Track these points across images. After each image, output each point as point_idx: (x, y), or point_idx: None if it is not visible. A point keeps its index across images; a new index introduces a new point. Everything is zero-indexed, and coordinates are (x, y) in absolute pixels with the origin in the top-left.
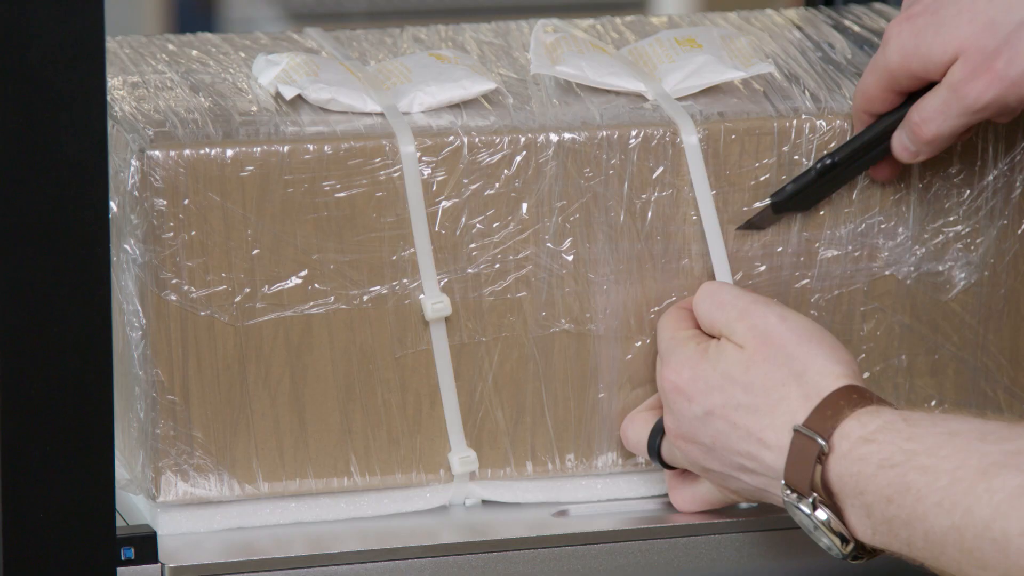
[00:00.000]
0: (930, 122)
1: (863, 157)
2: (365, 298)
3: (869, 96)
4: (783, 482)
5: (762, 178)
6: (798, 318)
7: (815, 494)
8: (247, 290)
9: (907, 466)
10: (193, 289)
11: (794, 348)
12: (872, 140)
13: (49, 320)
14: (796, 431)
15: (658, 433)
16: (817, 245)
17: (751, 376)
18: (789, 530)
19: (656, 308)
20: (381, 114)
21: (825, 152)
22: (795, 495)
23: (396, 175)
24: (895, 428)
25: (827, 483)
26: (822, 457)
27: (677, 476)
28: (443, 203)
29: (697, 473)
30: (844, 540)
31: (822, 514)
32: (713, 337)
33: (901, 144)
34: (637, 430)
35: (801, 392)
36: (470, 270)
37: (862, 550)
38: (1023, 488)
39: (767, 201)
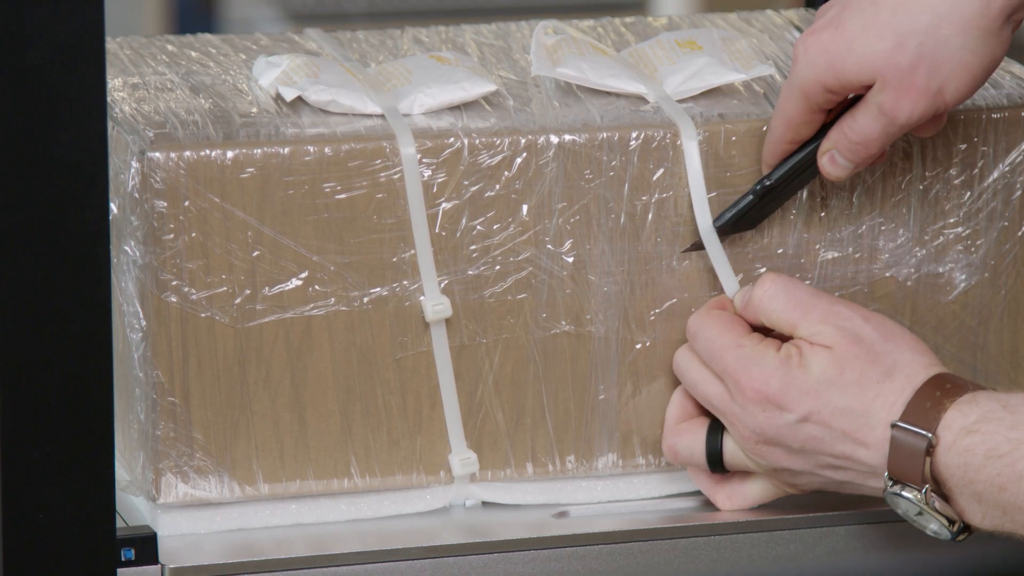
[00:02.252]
0: (872, 142)
1: (799, 176)
2: (365, 300)
3: (794, 123)
4: (887, 474)
5: None
6: (877, 315)
7: (927, 485)
8: (247, 292)
9: (1016, 455)
10: (193, 291)
11: (881, 346)
12: (807, 158)
13: (49, 321)
14: (897, 426)
15: (717, 441)
16: (818, 247)
17: (846, 377)
18: (789, 530)
19: (656, 310)
20: (381, 116)
21: (763, 176)
22: (899, 486)
23: (396, 177)
24: (996, 417)
25: (936, 473)
26: (931, 450)
27: (720, 476)
28: (443, 205)
29: (765, 473)
30: (951, 521)
31: (935, 502)
32: (774, 335)
33: (836, 164)
34: (689, 442)
35: (895, 387)
36: (470, 272)
37: (967, 529)
38: None
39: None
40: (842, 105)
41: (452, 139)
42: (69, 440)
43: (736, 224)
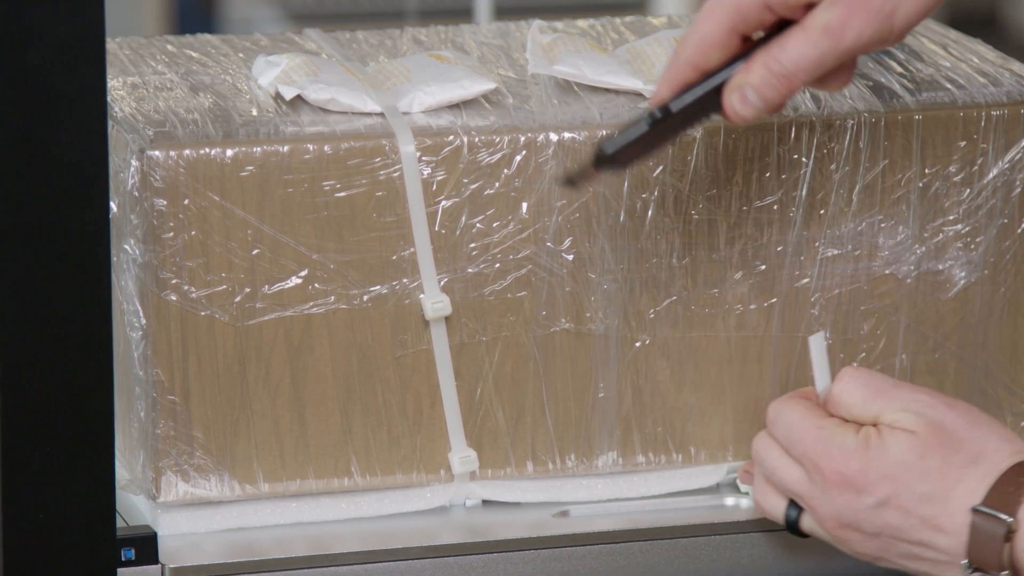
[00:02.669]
0: (802, 72)
1: (696, 112)
2: (365, 298)
3: (707, 45)
4: (966, 562)
5: (762, 177)
6: (962, 403)
7: (1005, 572)
8: (247, 290)
9: None
10: (193, 289)
11: (967, 433)
12: (711, 92)
13: (49, 320)
14: (977, 511)
15: (796, 510)
16: (817, 244)
17: (928, 462)
18: (788, 531)
19: (656, 308)
20: (381, 114)
21: (658, 103)
22: (980, 574)
23: (396, 175)
24: None
25: (1015, 560)
26: (1010, 535)
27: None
28: (443, 203)
29: (842, 550)
30: None
31: None
32: (859, 423)
33: (746, 103)
34: (774, 504)
35: (978, 473)
36: (470, 269)
37: None
38: None
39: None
40: (748, 45)
41: (452, 137)
42: (69, 440)
43: (627, 152)
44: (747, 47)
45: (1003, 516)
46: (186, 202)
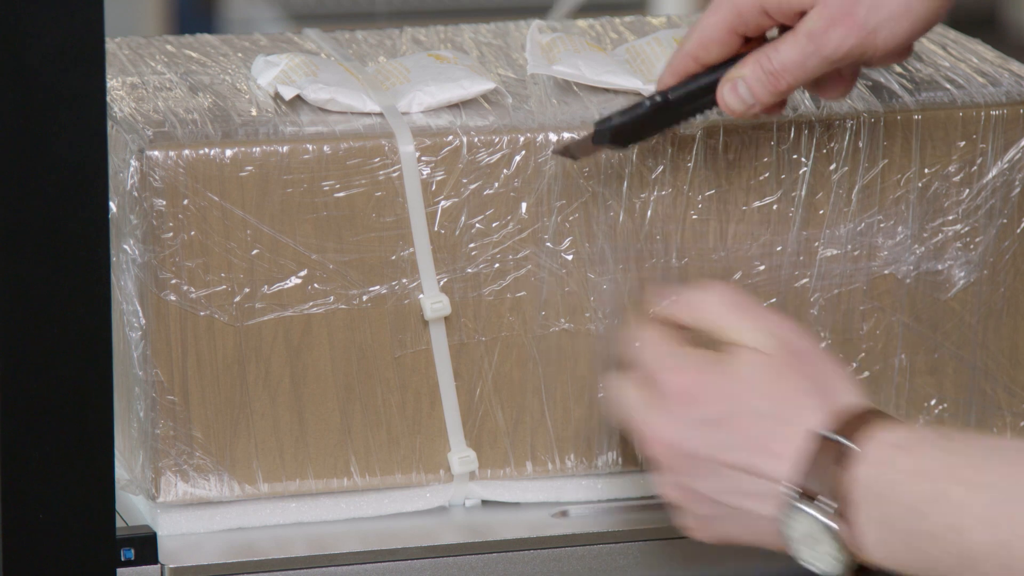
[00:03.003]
0: (787, 72)
1: (696, 100)
2: (364, 298)
3: (708, 40)
4: (786, 487)
5: (761, 177)
6: (821, 345)
7: (830, 501)
8: (247, 290)
9: (947, 478)
10: (193, 289)
11: (823, 365)
12: (710, 84)
13: (49, 320)
14: (818, 434)
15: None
16: (816, 244)
17: (776, 384)
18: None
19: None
20: (380, 114)
21: (660, 90)
22: (803, 499)
23: (395, 175)
24: (929, 440)
25: (846, 490)
26: (844, 460)
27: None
28: (442, 203)
29: (670, 497)
30: (840, 551)
31: (832, 522)
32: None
33: (736, 95)
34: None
35: (825, 403)
36: (469, 270)
37: (858, 569)
38: None
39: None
40: (758, 43)
41: (451, 137)
42: (69, 440)
43: (617, 132)
44: (752, 47)
45: (845, 441)
46: (185, 202)
